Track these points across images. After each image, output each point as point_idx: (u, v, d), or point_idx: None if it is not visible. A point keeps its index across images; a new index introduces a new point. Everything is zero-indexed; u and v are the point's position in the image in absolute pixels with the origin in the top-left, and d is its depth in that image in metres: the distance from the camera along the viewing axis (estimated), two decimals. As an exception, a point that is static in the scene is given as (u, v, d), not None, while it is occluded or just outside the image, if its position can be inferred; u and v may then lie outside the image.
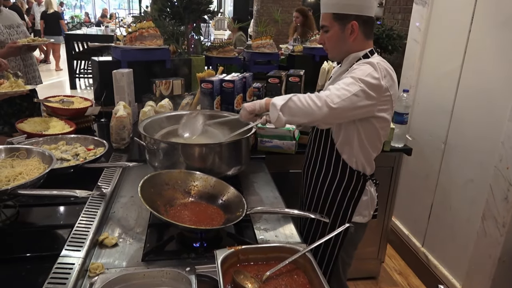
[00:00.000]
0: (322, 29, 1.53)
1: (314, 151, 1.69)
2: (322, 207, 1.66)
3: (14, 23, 2.85)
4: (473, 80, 2.30)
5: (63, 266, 1.06)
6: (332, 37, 1.51)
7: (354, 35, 1.47)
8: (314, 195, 1.70)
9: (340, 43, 1.51)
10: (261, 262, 1.11)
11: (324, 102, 1.34)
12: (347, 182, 1.60)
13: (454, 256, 2.46)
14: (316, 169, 1.68)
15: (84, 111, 2.32)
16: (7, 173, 1.32)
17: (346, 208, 1.62)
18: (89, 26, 14.65)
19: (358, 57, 1.51)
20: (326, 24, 1.50)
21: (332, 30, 1.49)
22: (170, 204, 1.35)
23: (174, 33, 3.12)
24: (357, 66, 1.44)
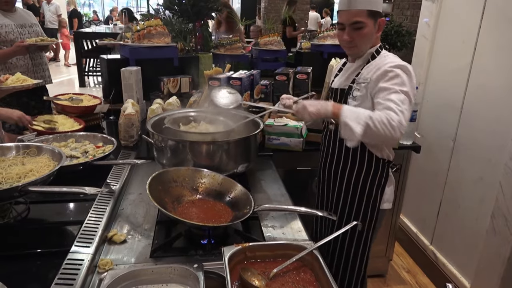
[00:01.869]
0: (354, 25, 1.52)
1: (334, 147, 1.71)
2: (351, 201, 1.70)
3: (27, 23, 2.87)
4: (483, 77, 2.27)
5: (73, 262, 1.07)
6: (367, 34, 1.53)
7: (380, 31, 1.56)
8: (340, 191, 1.72)
9: (370, 39, 1.56)
10: (268, 260, 1.11)
11: (397, 129, 1.35)
12: (374, 171, 1.64)
13: (463, 255, 2.44)
14: (341, 165, 1.70)
15: (93, 109, 2.34)
16: (18, 170, 1.34)
17: (375, 197, 1.67)
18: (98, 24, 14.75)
19: (371, 52, 1.58)
20: (362, 20, 1.50)
21: (367, 27, 1.51)
22: (178, 201, 1.36)
23: (182, 30, 3.13)
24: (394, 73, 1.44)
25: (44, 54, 3.03)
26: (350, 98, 1.60)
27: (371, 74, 1.52)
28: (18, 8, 2.90)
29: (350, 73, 1.65)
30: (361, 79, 1.56)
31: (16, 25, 2.78)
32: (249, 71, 2.43)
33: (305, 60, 3.37)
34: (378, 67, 1.51)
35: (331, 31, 3.44)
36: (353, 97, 1.58)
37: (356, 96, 1.57)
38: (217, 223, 1.27)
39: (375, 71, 1.51)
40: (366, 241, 1.74)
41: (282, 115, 2.22)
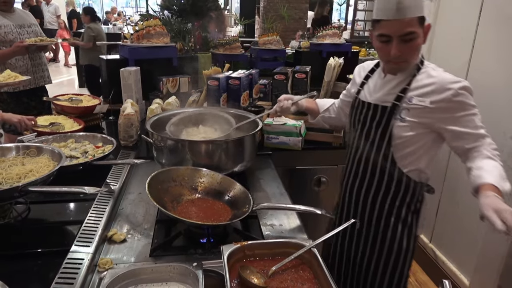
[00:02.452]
0: (405, 37, 1.29)
1: (365, 170, 1.53)
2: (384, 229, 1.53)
3: (26, 23, 2.88)
4: (481, 76, 2.28)
5: (73, 262, 1.08)
6: (418, 45, 1.33)
7: (426, 38, 1.35)
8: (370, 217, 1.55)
9: (420, 50, 1.37)
10: (267, 258, 1.12)
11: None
12: (411, 196, 1.48)
13: (462, 252, 2.44)
14: (372, 190, 1.52)
15: (93, 109, 2.35)
16: (18, 170, 1.35)
17: (411, 224, 1.51)
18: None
19: (417, 65, 1.40)
20: (415, 31, 1.28)
21: (419, 37, 1.31)
22: (177, 200, 1.37)
23: (181, 30, 3.14)
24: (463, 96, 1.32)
25: (43, 55, 3.03)
26: (397, 119, 1.39)
27: (427, 96, 1.34)
28: (17, 9, 2.92)
29: (391, 87, 1.43)
30: (413, 100, 1.36)
31: (15, 26, 2.79)
32: (248, 71, 2.44)
33: (304, 59, 3.38)
34: (435, 88, 1.33)
35: (330, 30, 3.44)
36: (401, 118, 1.39)
37: (404, 118, 1.38)
38: (216, 222, 1.27)
39: (431, 93, 1.33)
40: (402, 271, 1.56)
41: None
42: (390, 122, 1.41)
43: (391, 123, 1.41)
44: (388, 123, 1.42)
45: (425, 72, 1.39)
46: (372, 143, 1.48)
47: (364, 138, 1.52)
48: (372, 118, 1.48)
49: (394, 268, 1.56)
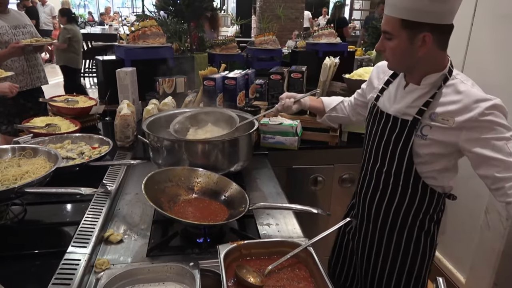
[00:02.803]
0: (385, 35, 1.26)
1: (387, 183, 1.43)
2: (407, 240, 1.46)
3: (21, 24, 2.88)
4: (476, 75, 2.27)
5: (69, 262, 1.08)
6: (396, 47, 1.23)
7: (425, 49, 1.20)
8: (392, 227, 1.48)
9: (406, 55, 1.24)
10: (264, 257, 1.13)
11: None
12: (434, 207, 1.42)
13: (458, 250, 2.46)
14: (395, 203, 1.43)
15: (89, 110, 2.35)
16: (14, 172, 1.35)
17: (433, 234, 1.48)
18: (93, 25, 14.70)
19: (444, 76, 1.26)
20: (390, 31, 1.22)
21: (397, 39, 1.21)
22: (173, 200, 1.38)
23: (177, 31, 3.14)
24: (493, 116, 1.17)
25: (39, 56, 3.03)
26: (418, 136, 1.29)
27: (451, 115, 1.22)
28: (11, 10, 2.91)
29: (413, 99, 1.31)
30: (438, 117, 1.24)
31: (10, 26, 2.78)
32: (244, 71, 2.45)
33: (300, 58, 3.39)
34: (461, 106, 1.20)
35: (326, 29, 3.46)
36: (422, 135, 1.28)
37: (427, 136, 1.27)
38: (213, 222, 1.28)
39: (457, 112, 1.21)
40: (423, 282, 1.51)
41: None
42: (411, 138, 1.30)
43: (412, 139, 1.30)
44: (408, 139, 1.31)
45: (452, 85, 1.25)
46: (393, 157, 1.38)
47: (382, 150, 1.42)
48: (391, 131, 1.37)
49: (417, 280, 1.51)
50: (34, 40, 2.71)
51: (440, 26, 1.19)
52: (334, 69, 2.81)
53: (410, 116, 1.31)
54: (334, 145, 2.20)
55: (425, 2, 1.14)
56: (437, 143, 1.27)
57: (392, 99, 1.40)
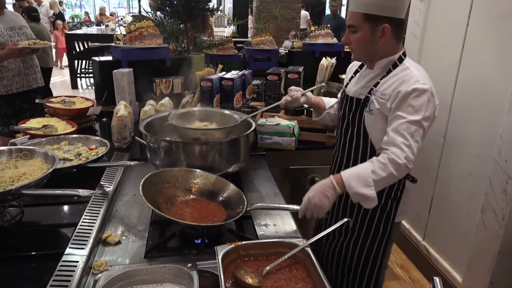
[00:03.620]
0: (349, 29, 1.45)
1: (348, 158, 1.61)
2: (364, 213, 1.60)
3: (16, 25, 2.87)
4: (472, 74, 2.31)
5: (67, 264, 1.08)
6: (360, 38, 1.43)
7: (385, 39, 1.41)
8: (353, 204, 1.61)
9: (368, 45, 1.44)
10: (261, 258, 1.13)
11: (404, 166, 1.35)
12: (391, 184, 1.52)
13: (454, 249, 2.47)
14: None
15: (86, 111, 2.34)
16: (11, 173, 1.34)
17: (389, 210, 1.58)
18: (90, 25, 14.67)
19: (393, 61, 1.47)
20: (354, 24, 1.42)
21: (361, 31, 1.41)
22: (171, 202, 1.38)
23: (174, 31, 3.14)
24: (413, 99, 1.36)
25: (35, 57, 3.02)
26: (367, 111, 1.49)
27: (390, 91, 1.42)
28: (7, 11, 2.90)
29: (367, 81, 1.54)
30: (379, 93, 1.45)
31: (6, 28, 2.77)
32: (241, 71, 2.45)
33: (297, 59, 3.39)
34: (398, 85, 1.40)
35: (322, 30, 3.46)
36: (369, 110, 1.49)
37: (372, 110, 1.47)
38: (211, 223, 1.28)
39: (394, 89, 1.40)
40: (377, 255, 1.65)
41: (275, 114, 2.24)
42: (363, 114, 1.51)
43: (363, 115, 1.51)
44: (361, 115, 1.52)
45: (399, 69, 1.45)
46: (352, 133, 1.57)
47: (345, 128, 1.62)
48: (349, 110, 1.58)
49: (369, 252, 1.65)
50: (32, 42, 2.71)
51: (395, 19, 1.40)
52: (331, 70, 2.82)
53: (363, 95, 1.52)
54: (331, 145, 2.20)
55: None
56: (378, 115, 1.45)
57: (353, 83, 1.62)
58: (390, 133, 1.39)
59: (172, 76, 2.62)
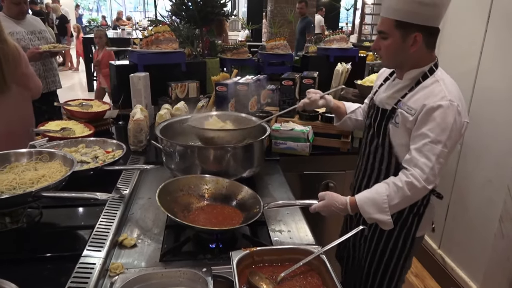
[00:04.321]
0: (380, 35, 1.40)
1: (372, 169, 1.56)
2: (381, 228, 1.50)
3: (37, 29, 2.95)
4: (489, 81, 2.27)
5: (85, 266, 1.10)
6: (390, 45, 1.37)
7: (416, 47, 1.35)
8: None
9: (399, 53, 1.38)
10: (276, 264, 1.13)
11: (423, 189, 1.31)
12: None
13: (471, 258, 2.43)
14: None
15: (103, 114, 2.38)
16: (31, 175, 1.37)
17: (410, 224, 1.53)
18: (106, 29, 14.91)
19: (423, 72, 1.39)
20: (384, 30, 1.37)
21: (391, 38, 1.36)
22: (187, 209, 1.39)
23: (189, 36, 3.17)
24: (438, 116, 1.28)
25: (54, 60, 3.09)
26: (392, 123, 1.43)
27: (417, 106, 1.34)
28: (27, 16, 2.98)
29: (395, 91, 1.47)
30: (406, 107, 1.38)
31: (27, 32, 2.85)
32: (256, 76, 2.46)
33: (311, 64, 3.38)
34: (424, 99, 1.33)
35: (337, 35, 3.45)
36: (395, 122, 1.42)
37: (398, 123, 1.41)
38: (229, 226, 1.28)
39: (422, 103, 1.33)
40: (395, 269, 1.60)
41: (289, 119, 2.24)
42: (388, 126, 1.45)
43: (388, 127, 1.45)
44: (386, 127, 1.46)
45: (429, 81, 1.38)
46: (376, 144, 1.52)
47: (370, 138, 1.57)
48: (375, 119, 1.53)
49: (386, 265, 1.60)
50: (52, 46, 2.78)
51: (428, 28, 1.34)
52: (346, 75, 2.81)
53: (389, 105, 1.46)
54: (346, 151, 2.20)
55: (416, 5, 1.29)
56: (404, 130, 1.39)
57: (382, 92, 1.56)
58: (412, 152, 1.33)
59: (187, 80, 2.64)
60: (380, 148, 1.51)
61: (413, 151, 1.33)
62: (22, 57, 2.15)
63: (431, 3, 1.28)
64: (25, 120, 2.25)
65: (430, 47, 1.39)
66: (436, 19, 1.33)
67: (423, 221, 1.53)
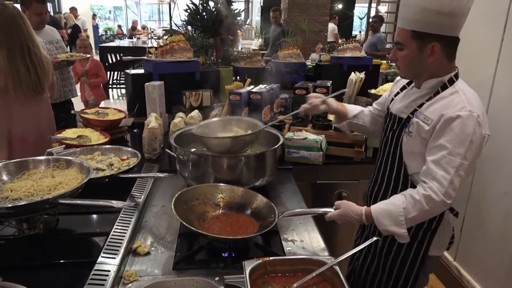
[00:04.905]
0: (396, 46, 1.37)
1: (382, 179, 1.55)
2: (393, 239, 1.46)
3: (54, 39, 3.03)
4: (507, 90, 2.24)
5: (99, 273, 1.12)
6: (407, 56, 1.35)
7: (434, 58, 1.31)
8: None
9: (416, 63, 1.35)
10: (289, 274, 1.13)
11: (442, 204, 1.27)
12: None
13: (488, 271, 2.37)
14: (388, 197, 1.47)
15: (118, 123, 2.42)
16: (48, 182, 1.40)
17: (421, 240, 1.49)
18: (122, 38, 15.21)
19: (442, 82, 1.36)
20: (401, 41, 1.34)
21: (408, 49, 1.33)
22: (203, 218, 1.40)
23: (204, 45, 3.20)
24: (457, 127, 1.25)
25: (70, 69, 3.17)
26: (406, 132, 1.41)
27: (435, 116, 1.30)
28: (46, 26, 3.06)
29: (412, 100, 1.44)
30: (422, 116, 1.35)
31: (45, 42, 2.92)
32: (269, 85, 2.47)
33: (324, 72, 3.39)
34: (443, 109, 1.29)
35: (351, 43, 3.45)
36: (409, 131, 1.39)
37: (412, 132, 1.38)
38: (244, 235, 1.28)
39: (440, 113, 1.29)
40: (405, 286, 1.56)
41: (302, 128, 2.24)
42: (401, 135, 1.43)
43: (402, 136, 1.43)
44: (399, 136, 1.44)
45: (449, 93, 1.34)
46: (389, 153, 1.51)
47: (383, 147, 1.56)
48: (390, 128, 1.51)
49: (395, 281, 1.57)
50: (69, 55, 2.85)
51: (447, 38, 1.30)
52: (360, 84, 2.80)
53: (405, 114, 1.44)
54: (359, 160, 2.18)
55: (433, 15, 1.26)
56: (418, 140, 1.36)
57: (398, 100, 1.53)
58: (430, 165, 1.29)
59: (201, 89, 2.67)
60: (392, 157, 1.49)
61: (430, 163, 1.29)
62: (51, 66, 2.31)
63: (449, 13, 1.25)
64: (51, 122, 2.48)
65: (450, 57, 1.35)
66: (455, 28, 1.30)
67: (436, 238, 1.48)
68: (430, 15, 1.26)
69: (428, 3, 1.25)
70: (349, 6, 12.72)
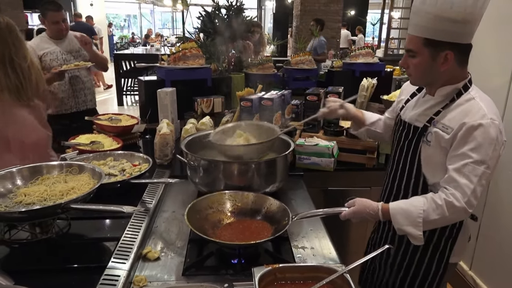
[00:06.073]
0: (408, 53, 1.35)
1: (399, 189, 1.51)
2: (413, 250, 1.49)
3: (75, 48, 3.03)
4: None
5: (110, 278, 1.12)
6: (419, 64, 1.32)
7: (447, 66, 1.29)
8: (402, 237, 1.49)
9: (428, 71, 1.33)
10: (298, 281, 1.11)
11: (463, 211, 1.25)
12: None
13: (504, 281, 2.31)
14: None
15: (131, 129, 2.44)
16: (61, 187, 1.42)
17: (443, 249, 1.46)
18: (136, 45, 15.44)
19: (457, 89, 1.34)
20: (413, 49, 1.32)
21: (420, 56, 1.31)
22: (217, 226, 1.40)
23: (216, 52, 3.23)
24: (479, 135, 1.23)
25: (87, 80, 3.14)
26: (424, 141, 1.38)
27: (455, 124, 1.28)
28: (69, 35, 3.05)
29: (426, 108, 1.41)
30: (440, 125, 1.33)
31: (62, 52, 2.94)
32: (280, 91, 2.47)
33: (336, 78, 3.38)
34: (462, 117, 1.27)
35: (363, 49, 3.44)
36: (427, 141, 1.37)
37: (431, 141, 1.36)
38: (259, 240, 1.27)
39: (460, 121, 1.27)
40: None
41: (313, 134, 2.23)
42: (419, 144, 1.40)
43: (420, 145, 1.40)
44: (417, 145, 1.41)
45: (464, 100, 1.32)
46: (405, 163, 1.48)
47: (398, 156, 1.52)
48: (405, 137, 1.48)
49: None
50: (73, 65, 2.85)
51: (460, 45, 1.28)
52: (372, 90, 2.78)
53: (421, 123, 1.41)
54: (371, 167, 2.16)
55: (446, 23, 1.24)
56: (438, 149, 1.34)
57: (410, 108, 1.50)
58: (452, 173, 1.27)
59: (213, 95, 2.68)
60: (409, 167, 1.46)
61: (452, 171, 1.27)
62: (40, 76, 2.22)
63: (462, 20, 1.23)
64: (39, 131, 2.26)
65: (462, 64, 1.33)
66: (468, 35, 1.28)
67: (457, 245, 1.46)
68: (443, 23, 1.24)
69: (441, 12, 1.23)
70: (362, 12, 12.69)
